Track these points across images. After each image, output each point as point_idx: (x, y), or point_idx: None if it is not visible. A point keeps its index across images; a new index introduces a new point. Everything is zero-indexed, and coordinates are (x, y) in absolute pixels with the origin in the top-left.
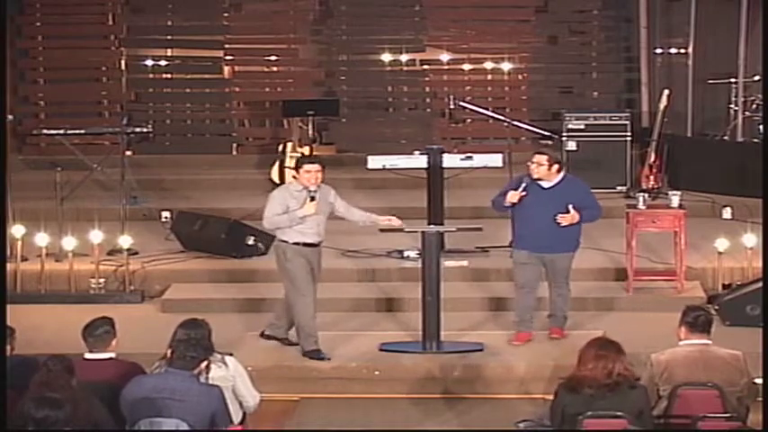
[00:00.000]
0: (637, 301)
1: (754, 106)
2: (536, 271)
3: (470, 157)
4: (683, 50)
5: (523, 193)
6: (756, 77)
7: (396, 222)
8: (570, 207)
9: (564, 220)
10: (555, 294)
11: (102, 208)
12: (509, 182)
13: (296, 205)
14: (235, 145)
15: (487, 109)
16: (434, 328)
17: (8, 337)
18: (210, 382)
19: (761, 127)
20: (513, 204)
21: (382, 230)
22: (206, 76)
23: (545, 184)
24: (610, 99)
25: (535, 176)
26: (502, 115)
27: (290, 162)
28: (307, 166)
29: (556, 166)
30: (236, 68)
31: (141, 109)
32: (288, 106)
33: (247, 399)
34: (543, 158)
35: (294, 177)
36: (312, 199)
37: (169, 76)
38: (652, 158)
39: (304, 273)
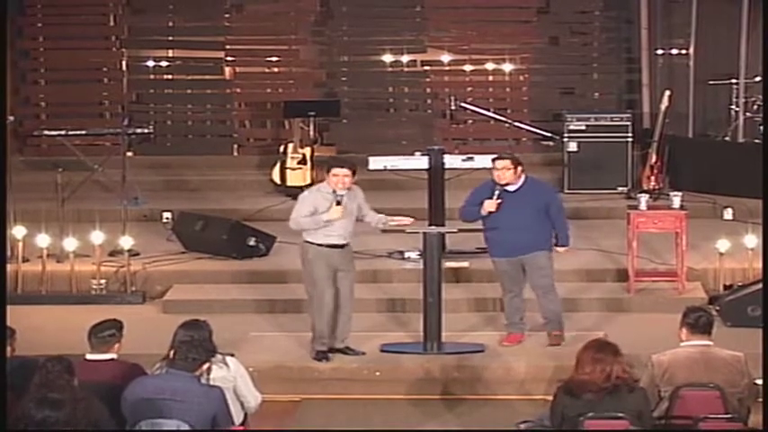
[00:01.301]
0: (638, 302)
1: (756, 107)
2: (518, 275)
3: (471, 158)
4: (683, 51)
5: (499, 201)
6: (757, 78)
7: (406, 221)
8: (558, 249)
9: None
10: (544, 300)
11: (104, 209)
12: (473, 191)
13: (325, 207)
14: (236, 146)
15: (488, 110)
16: (435, 329)
17: (9, 338)
18: (212, 382)
19: (762, 128)
20: (490, 213)
21: (384, 231)
22: (207, 77)
23: (511, 188)
24: (611, 100)
25: (503, 182)
26: (503, 116)
27: (291, 163)
28: (335, 170)
29: (519, 168)
30: (237, 69)
31: (142, 110)
32: (289, 107)
33: (249, 399)
34: (507, 163)
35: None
36: (338, 203)
37: (170, 77)
38: (653, 159)
39: (324, 275)
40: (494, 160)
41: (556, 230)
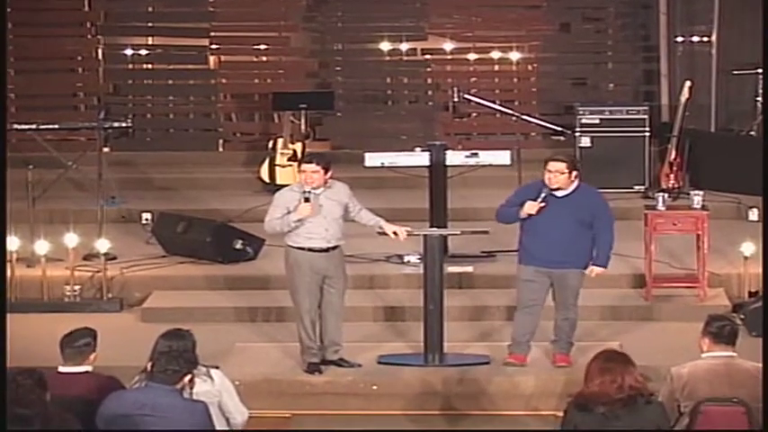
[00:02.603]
0: (656, 309)
1: None
2: (542, 290)
3: (476, 155)
4: (705, 39)
5: (542, 204)
6: None
7: (401, 235)
8: (593, 268)
9: (594, 274)
10: (560, 318)
11: (78, 209)
12: (517, 190)
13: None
14: (221, 141)
15: (494, 102)
16: (437, 340)
17: None
18: (195, 397)
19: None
20: (530, 216)
21: (380, 233)
22: (190, 66)
23: (559, 193)
24: (627, 91)
25: (554, 186)
26: (510, 109)
27: (280, 160)
28: (303, 165)
29: (574, 173)
30: (223, 58)
31: (120, 102)
32: (278, 99)
33: (235, 416)
34: (563, 166)
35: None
36: (307, 200)
37: (150, 66)
38: (672, 156)
39: (305, 281)
40: (548, 161)
41: (596, 247)
